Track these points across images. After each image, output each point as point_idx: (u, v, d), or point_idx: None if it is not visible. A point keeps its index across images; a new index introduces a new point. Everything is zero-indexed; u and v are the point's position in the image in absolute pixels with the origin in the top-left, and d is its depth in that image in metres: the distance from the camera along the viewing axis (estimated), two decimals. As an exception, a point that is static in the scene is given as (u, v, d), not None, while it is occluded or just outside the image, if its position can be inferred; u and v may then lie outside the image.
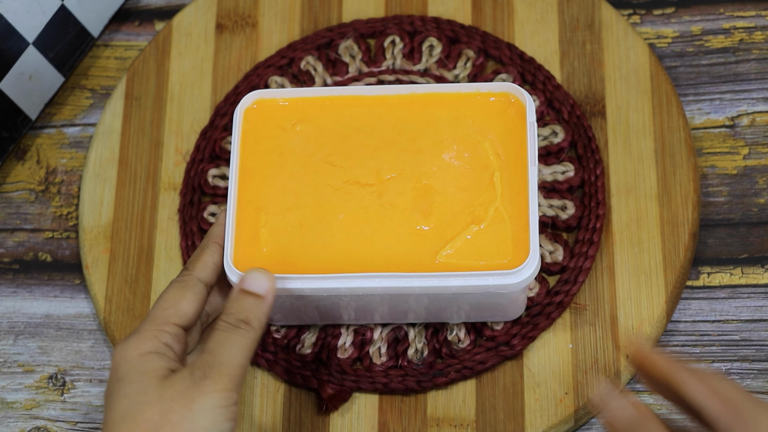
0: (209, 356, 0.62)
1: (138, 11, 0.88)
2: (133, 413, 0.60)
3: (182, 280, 0.67)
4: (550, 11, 0.83)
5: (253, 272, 0.66)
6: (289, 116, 0.73)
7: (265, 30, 0.85)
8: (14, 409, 0.77)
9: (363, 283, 0.67)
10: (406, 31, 0.83)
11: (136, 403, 0.61)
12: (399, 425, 0.73)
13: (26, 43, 0.80)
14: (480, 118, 0.72)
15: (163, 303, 0.66)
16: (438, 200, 0.70)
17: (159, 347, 0.63)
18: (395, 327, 0.75)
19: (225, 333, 0.63)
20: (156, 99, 0.83)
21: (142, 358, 0.63)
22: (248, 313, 0.64)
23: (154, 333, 0.64)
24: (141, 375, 0.62)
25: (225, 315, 0.64)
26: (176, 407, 0.60)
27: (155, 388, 0.61)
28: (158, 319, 0.65)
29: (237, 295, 0.65)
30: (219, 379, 0.61)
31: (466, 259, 0.68)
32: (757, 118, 0.81)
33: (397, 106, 0.73)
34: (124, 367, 0.63)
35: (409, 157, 0.71)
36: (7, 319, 0.80)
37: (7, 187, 0.83)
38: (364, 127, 0.72)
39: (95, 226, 0.80)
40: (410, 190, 0.70)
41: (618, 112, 0.80)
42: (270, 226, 0.70)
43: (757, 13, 0.83)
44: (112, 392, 0.62)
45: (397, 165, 0.71)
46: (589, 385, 0.73)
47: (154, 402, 0.61)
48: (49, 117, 0.85)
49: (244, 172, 0.71)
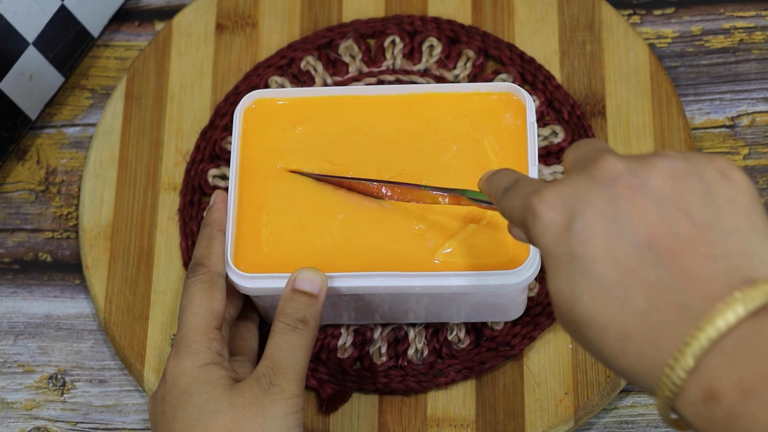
0: (272, 362, 0.63)
1: (138, 11, 0.88)
2: (205, 422, 0.60)
3: (204, 279, 0.67)
4: (550, 11, 0.83)
5: (304, 271, 0.66)
6: (289, 117, 0.73)
7: (265, 30, 0.85)
8: (14, 409, 0.77)
9: (363, 282, 0.67)
10: (406, 31, 0.83)
11: (207, 412, 0.61)
12: (399, 425, 0.73)
13: (26, 43, 0.80)
14: (480, 117, 0.72)
15: (196, 308, 0.66)
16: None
17: (214, 357, 0.64)
18: (395, 327, 0.75)
19: (285, 335, 0.64)
20: (156, 99, 0.83)
21: (202, 369, 0.63)
22: (305, 312, 0.65)
23: (205, 344, 0.64)
24: (206, 385, 0.62)
25: (281, 316, 0.65)
26: (248, 414, 0.61)
27: (225, 396, 0.62)
28: (201, 327, 0.65)
29: (290, 295, 0.65)
30: (287, 386, 0.62)
31: (465, 258, 0.68)
32: (757, 118, 0.80)
33: (397, 106, 0.73)
34: (186, 380, 0.63)
35: (410, 157, 0.71)
36: (7, 319, 0.80)
37: (7, 187, 0.83)
38: (364, 128, 0.73)
39: (95, 226, 0.80)
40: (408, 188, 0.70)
41: (618, 112, 0.80)
42: (270, 226, 0.70)
43: (757, 13, 0.83)
44: (178, 405, 0.62)
45: (398, 165, 0.71)
46: (589, 385, 0.73)
47: (226, 410, 0.61)
48: (49, 117, 0.85)
49: (244, 172, 0.71)
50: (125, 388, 0.77)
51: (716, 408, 0.43)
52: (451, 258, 0.68)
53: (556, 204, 0.49)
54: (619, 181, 0.48)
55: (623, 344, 0.46)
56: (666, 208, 0.47)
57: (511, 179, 0.55)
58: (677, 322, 0.45)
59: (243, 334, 0.72)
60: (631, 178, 0.48)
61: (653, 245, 0.46)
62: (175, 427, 0.61)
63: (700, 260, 0.46)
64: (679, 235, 0.46)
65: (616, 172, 0.49)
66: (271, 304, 0.71)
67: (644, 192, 0.48)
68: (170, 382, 0.63)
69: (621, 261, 0.47)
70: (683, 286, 0.45)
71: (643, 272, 0.46)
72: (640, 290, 0.46)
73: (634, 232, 0.47)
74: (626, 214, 0.47)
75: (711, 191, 0.47)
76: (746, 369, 0.43)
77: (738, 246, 0.46)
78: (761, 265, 0.46)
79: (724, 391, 0.43)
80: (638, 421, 0.73)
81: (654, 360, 0.45)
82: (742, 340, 0.43)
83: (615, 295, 0.46)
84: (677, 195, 0.47)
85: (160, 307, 0.77)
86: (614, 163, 0.49)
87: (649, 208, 0.47)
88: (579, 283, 0.47)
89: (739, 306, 0.44)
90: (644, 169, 0.48)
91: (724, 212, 0.47)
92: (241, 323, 0.72)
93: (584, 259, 0.47)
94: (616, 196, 0.48)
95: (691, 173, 0.48)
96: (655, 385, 0.45)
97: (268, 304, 0.71)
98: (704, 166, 0.48)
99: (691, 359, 0.44)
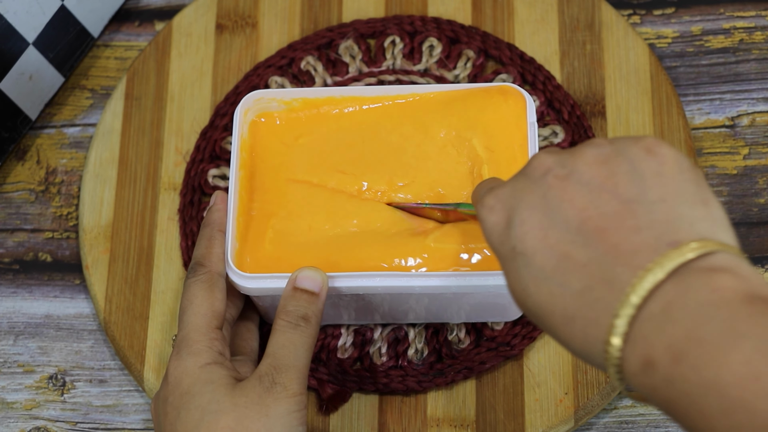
0: (274, 360, 0.63)
1: (138, 11, 0.88)
2: (208, 422, 0.60)
3: (205, 279, 0.67)
4: (550, 11, 0.83)
5: (305, 270, 0.66)
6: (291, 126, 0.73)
7: (265, 30, 0.85)
8: (14, 409, 0.77)
9: (363, 282, 0.67)
10: (406, 31, 0.83)
11: (210, 412, 0.61)
12: (399, 425, 0.73)
13: (26, 43, 0.80)
14: (480, 118, 0.72)
15: (197, 309, 0.66)
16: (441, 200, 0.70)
17: (216, 357, 0.64)
18: (395, 327, 0.75)
19: (287, 333, 0.64)
20: (156, 99, 0.83)
21: (203, 369, 0.63)
22: (306, 310, 0.65)
23: (207, 344, 0.64)
24: (208, 385, 0.62)
25: (283, 314, 0.65)
26: (251, 414, 0.60)
27: (227, 396, 0.61)
28: (202, 327, 0.65)
29: (291, 293, 0.65)
30: (290, 385, 0.62)
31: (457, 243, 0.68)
32: (757, 118, 0.81)
33: (399, 108, 0.73)
34: (188, 380, 0.63)
35: (419, 164, 0.71)
36: (7, 319, 0.80)
37: (7, 187, 0.83)
38: (368, 133, 0.72)
39: (95, 226, 0.80)
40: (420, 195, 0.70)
41: (618, 113, 0.80)
42: (275, 230, 0.70)
43: (757, 13, 0.83)
44: (180, 405, 0.62)
45: (408, 174, 0.71)
46: (589, 385, 0.73)
47: (228, 410, 0.61)
48: (49, 117, 0.85)
49: (244, 173, 0.71)
50: (125, 388, 0.77)
51: (654, 375, 0.44)
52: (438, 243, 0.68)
53: (495, 206, 0.52)
54: (549, 174, 0.50)
55: (570, 327, 0.47)
56: (593, 192, 0.49)
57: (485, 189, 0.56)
58: (609, 296, 0.46)
59: (243, 334, 0.72)
60: (560, 170, 0.50)
61: (582, 227, 0.48)
62: (178, 428, 0.61)
63: (626, 233, 0.47)
64: (607, 213, 0.48)
65: (546, 166, 0.51)
66: (271, 305, 0.71)
67: (572, 180, 0.49)
68: (172, 382, 0.63)
69: (556, 248, 0.48)
70: (612, 261, 0.46)
71: (575, 255, 0.48)
72: (575, 273, 0.47)
73: (565, 219, 0.48)
74: (557, 203, 0.49)
75: (637, 168, 0.49)
76: (674, 331, 0.43)
77: (664, 215, 0.47)
78: (688, 228, 0.46)
79: (658, 357, 0.44)
80: (638, 421, 0.74)
81: (596, 338, 0.46)
82: (669, 302, 0.44)
83: (555, 281, 0.48)
84: (603, 177, 0.49)
85: (160, 307, 0.77)
86: (544, 158, 0.51)
87: (578, 194, 0.49)
88: (524, 276, 0.49)
89: (658, 269, 0.45)
90: (572, 158, 0.50)
91: (650, 185, 0.48)
92: (241, 323, 0.72)
93: (524, 252, 0.49)
94: (546, 188, 0.50)
95: (617, 155, 0.49)
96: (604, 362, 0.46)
97: (269, 305, 0.71)
98: (629, 147, 0.50)
99: (621, 330, 0.45)
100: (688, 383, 0.43)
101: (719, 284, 0.44)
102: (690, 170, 0.49)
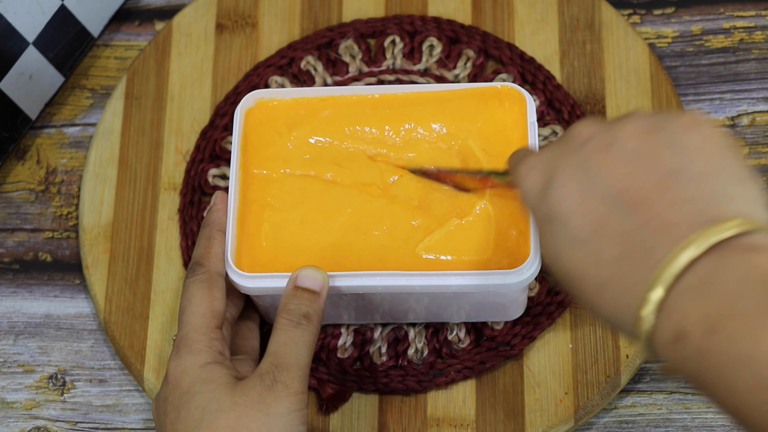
0: (275, 358, 0.62)
1: (138, 11, 0.88)
2: (208, 422, 0.60)
3: (204, 279, 0.67)
4: (550, 11, 0.83)
5: (305, 269, 0.66)
6: (288, 120, 0.73)
7: (265, 30, 0.85)
8: (14, 409, 0.77)
9: (363, 282, 0.67)
10: (406, 31, 0.83)
11: (210, 412, 0.61)
12: (399, 425, 0.73)
13: (26, 43, 0.80)
14: (480, 117, 0.72)
15: (196, 308, 0.66)
16: (438, 198, 0.70)
17: (216, 357, 0.64)
18: (395, 327, 0.75)
19: (288, 331, 0.64)
20: (156, 99, 0.83)
21: (203, 369, 0.63)
22: (308, 308, 0.65)
23: (206, 343, 0.64)
24: (209, 384, 0.62)
25: (284, 313, 0.64)
26: (252, 413, 0.60)
27: (227, 395, 0.61)
28: (201, 327, 0.65)
29: (292, 292, 0.65)
30: (291, 383, 0.61)
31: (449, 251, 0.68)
32: (757, 118, 0.81)
33: (396, 105, 0.73)
34: (188, 380, 0.63)
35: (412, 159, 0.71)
36: (7, 319, 0.80)
37: (7, 187, 0.83)
38: (364, 128, 0.72)
39: (95, 226, 0.80)
40: (412, 191, 0.70)
41: (618, 112, 0.80)
42: (271, 223, 0.70)
43: (757, 13, 0.83)
44: (180, 405, 0.62)
45: (399, 167, 0.71)
46: (589, 385, 0.73)
47: (228, 409, 0.61)
48: (49, 117, 0.85)
49: (244, 171, 0.71)
50: (125, 387, 0.77)
51: (687, 345, 0.44)
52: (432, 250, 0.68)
53: (535, 167, 0.53)
54: (591, 142, 0.51)
55: (601, 293, 0.48)
56: (635, 162, 0.49)
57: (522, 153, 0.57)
58: (645, 266, 0.46)
59: (244, 333, 0.72)
60: (602, 138, 0.51)
61: (623, 196, 0.48)
62: (179, 427, 0.61)
63: (667, 206, 0.47)
64: (648, 185, 0.48)
65: (588, 134, 0.51)
66: (271, 304, 0.71)
67: (614, 149, 0.50)
68: (172, 382, 0.63)
69: (593, 215, 0.49)
70: (651, 232, 0.47)
71: (613, 223, 0.48)
72: (612, 240, 0.48)
73: (605, 186, 0.49)
74: (597, 171, 0.49)
75: (679, 142, 0.49)
76: (710, 304, 0.44)
77: (705, 189, 0.47)
78: (727, 204, 0.47)
79: (691, 328, 0.44)
80: (638, 421, 0.73)
81: (629, 306, 0.47)
82: (706, 276, 0.44)
83: (590, 247, 0.48)
84: (645, 148, 0.49)
85: (160, 307, 0.77)
86: (586, 126, 0.52)
87: (619, 163, 0.49)
88: (558, 239, 0.50)
89: (697, 244, 0.45)
90: (614, 128, 0.51)
91: (693, 159, 0.48)
92: (242, 323, 0.72)
93: (561, 216, 0.50)
94: (588, 155, 0.50)
95: (660, 128, 0.50)
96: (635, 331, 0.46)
97: (269, 304, 0.71)
98: (673, 121, 0.50)
99: (657, 299, 0.45)
100: (721, 356, 0.43)
101: (757, 263, 0.44)
102: (732, 148, 0.49)
